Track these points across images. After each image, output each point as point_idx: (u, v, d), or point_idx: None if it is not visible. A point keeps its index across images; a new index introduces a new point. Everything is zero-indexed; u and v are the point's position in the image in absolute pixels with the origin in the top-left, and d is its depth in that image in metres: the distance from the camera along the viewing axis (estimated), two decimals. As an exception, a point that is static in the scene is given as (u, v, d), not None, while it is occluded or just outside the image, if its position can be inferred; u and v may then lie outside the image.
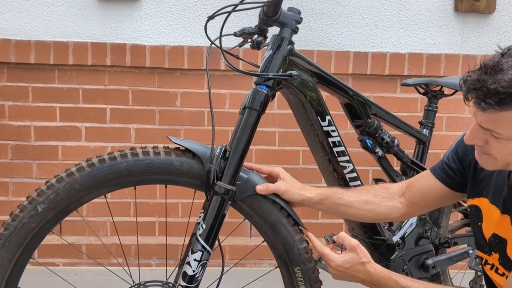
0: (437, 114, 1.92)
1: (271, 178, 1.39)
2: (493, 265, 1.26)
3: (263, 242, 1.35)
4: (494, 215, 1.21)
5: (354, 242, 1.27)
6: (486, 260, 1.29)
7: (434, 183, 1.39)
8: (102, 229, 2.74)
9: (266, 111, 1.31)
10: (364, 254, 1.26)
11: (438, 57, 2.73)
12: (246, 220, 1.35)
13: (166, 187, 1.34)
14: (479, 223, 1.28)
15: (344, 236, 1.28)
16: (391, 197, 1.44)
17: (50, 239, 2.67)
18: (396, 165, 1.78)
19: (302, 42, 2.65)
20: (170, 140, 1.29)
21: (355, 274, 1.26)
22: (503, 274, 1.23)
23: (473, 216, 1.31)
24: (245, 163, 1.33)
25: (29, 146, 2.65)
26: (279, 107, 2.67)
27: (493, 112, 0.99)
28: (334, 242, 1.31)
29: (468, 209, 1.34)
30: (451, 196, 1.40)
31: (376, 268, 1.26)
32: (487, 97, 0.98)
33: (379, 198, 1.43)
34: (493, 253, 1.24)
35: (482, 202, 1.27)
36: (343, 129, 2.23)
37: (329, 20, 2.68)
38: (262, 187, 1.31)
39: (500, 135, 1.02)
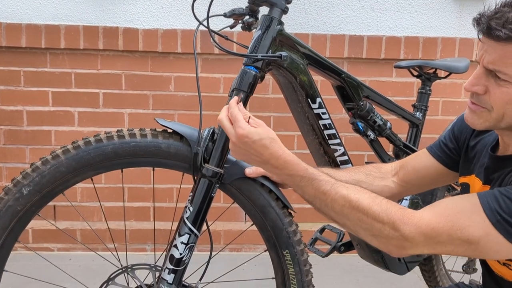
0: (433, 99, 1.89)
1: (260, 161, 1.37)
2: None
3: (252, 225, 1.34)
4: (476, 187, 1.19)
5: (261, 121, 1.13)
6: None
7: (430, 161, 1.38)
8: (96, 214, 2.73)
9: (261, 96, 1.29)
10: (274, 133, 1.12)
11: (435, 40, 2.70)
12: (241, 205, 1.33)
13: (153, 170, 1.32)
14: None
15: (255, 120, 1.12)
16: (383, 176, 1.43)
17: (45, 224, 2.67)
18: (389, 150, 1.76)
19: (297, 25, 2.61)
20: (157, 122, 1.27)
21: (260, 150, 1.09)
22: None
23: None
24: (234, 146, 1.31)
25: (21, 131, 2.63)
26: (273, 92, 2.64)
27: (507, 44, 0.98)
28: (250, 118, 1.11)
29: (459, 188, 1.33)
30: (446, 175, 1.38)
31: (285, 151, 1.11)
32: (508, 24, 0.98)
33: (371, 178, 1.41)
34: None
35: (471, 179, 1.25)
36: (338, 114, 2.21)
37: (324, 3, 2.64)
38: (251, 170, 1.29)
39: (506, 75, 1.01)
